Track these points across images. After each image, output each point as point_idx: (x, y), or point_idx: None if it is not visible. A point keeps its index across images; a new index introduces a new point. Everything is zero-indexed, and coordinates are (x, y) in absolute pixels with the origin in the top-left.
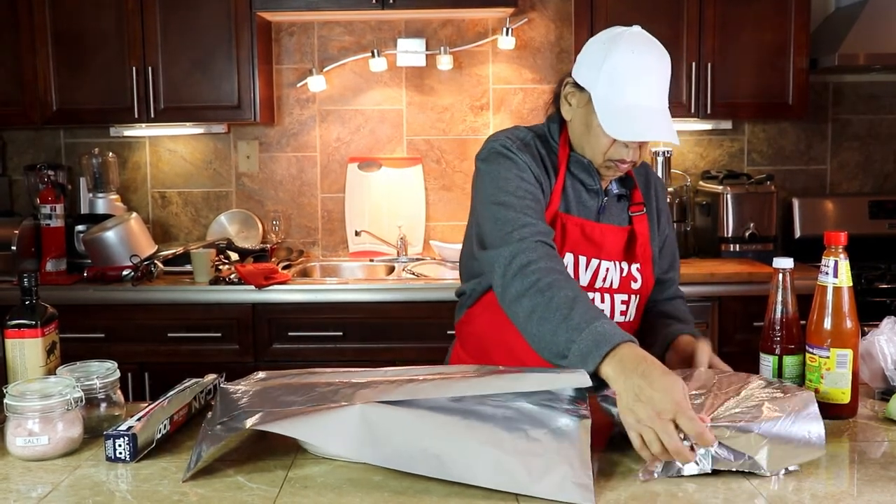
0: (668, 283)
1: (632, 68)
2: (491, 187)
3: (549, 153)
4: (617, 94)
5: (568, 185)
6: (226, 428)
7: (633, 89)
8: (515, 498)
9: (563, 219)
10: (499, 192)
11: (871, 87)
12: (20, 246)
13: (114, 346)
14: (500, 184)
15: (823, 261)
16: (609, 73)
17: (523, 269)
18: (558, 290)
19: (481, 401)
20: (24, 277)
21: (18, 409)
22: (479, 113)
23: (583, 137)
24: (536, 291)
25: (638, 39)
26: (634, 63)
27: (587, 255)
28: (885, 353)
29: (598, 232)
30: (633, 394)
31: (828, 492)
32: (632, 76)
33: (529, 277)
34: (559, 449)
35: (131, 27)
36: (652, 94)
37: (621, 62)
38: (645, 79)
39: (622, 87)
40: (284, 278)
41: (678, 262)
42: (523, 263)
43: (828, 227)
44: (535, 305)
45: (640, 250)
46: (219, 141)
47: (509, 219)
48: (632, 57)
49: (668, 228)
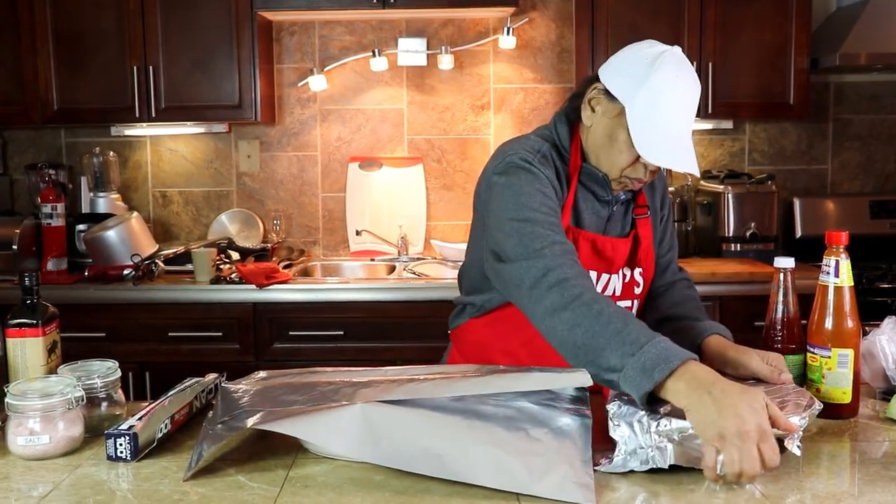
0: (668, 266)
1: (675, 93)
2: (512, 202)
3: (563, 164)
4: (656, 116)
5: (579, 196)
6: (227, 427)
7: (672, 115)
8: (517, 498)
9: (575, 233)
10: (522, 209)
11: (873, 87)
12: (21, 245)
13: (115, 345)
14: (522, 199)
15: (824, 260)
16: (652, 93)
17: (562, 282)
18: (606, 305)
19: (482, 400)
20: (25, 277)
21: (19, 408)
22: (480, 112)
23: (602, 149)
24: (581, 304)
25: (682, 64)
26: (678, 89)
27: (598, 271)
28: (886, 352)
29: (609, 246)
30: (714, 409)
31: (829, 491)
32: (674, 101)
33: (570, 291)
34: (560, 448)
35: (132, 26)
36: (685, 122)
37: (666, 85)
38: (683, 106)
39: (663, 111)
40: (285, 278)
41: (676, 241)
42: (561, 278)
43: (829, 226)
44: (579, 318)
45: (642, 254)
46: (220, 140)
47: (538, 234)
48: (676, 81)
49: (667, 213)
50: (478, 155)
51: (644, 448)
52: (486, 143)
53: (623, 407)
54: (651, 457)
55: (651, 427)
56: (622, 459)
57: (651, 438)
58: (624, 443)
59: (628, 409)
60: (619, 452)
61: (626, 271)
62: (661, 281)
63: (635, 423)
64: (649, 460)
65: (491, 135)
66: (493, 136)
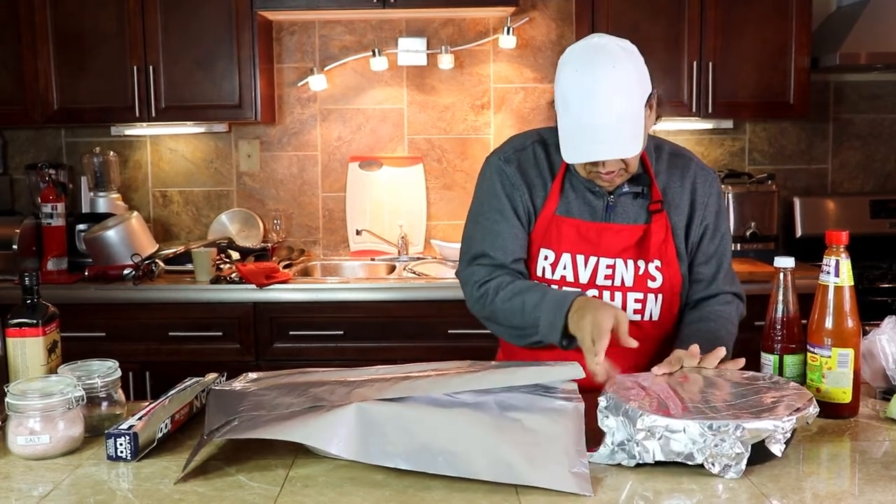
0: (705, 279)
1: (577, 88)
2: (473, 206)
3: (550, 156)
4: (566, 115)
5: (568, 186)
6: (224, 437)
7: (580, 108)
8: (516, 493)
9: (558, 221)
10: (475, 215)
11: (873, 87)
12: (21, 245)
13: (115, 345)
14: (475, 206)
15: (825, 260)
16: (561, 95)
17: (485, 292)
18: (507, 298)
19: (476, 394)
20: (25, 276)
21: (20, 407)
22: (480, 112)
23: None
24: (494, 302)
25: (584, 55)
26: (578, 82)
27: (585, 254)
28: (886, 352)
29: (594, 231)
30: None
31: (829, 491)
32: (577, 96)
33: (488, 296)
34: (555, 438)
35: (132, 26)
36: (599, 111)
37: (567, 83)
38: (590, 94)
39: (569, 108)
40: (285, 277)
41: (720, 258)
42: (473, 283)
43: (829, 226)
44: (496, 314)
45: (654, 248)
46: (220, 140)
47: (475, 242)
48: (576, 76)
49: (709, 221)
50: (478, 154)
51: (631, 441)
52: (487, 143)
53: (612, 400)
54: (638, 452)
55: (636, 421)
56: (609, 451)
57: (636, 431)
58: (612, 434)
59: (616, 401)
60: (606, 443)
61: (640, 263)
62: (697, 294)
63: (621, 416)
64: (636, 455)
65: (491, 134)
66: (494, 135)
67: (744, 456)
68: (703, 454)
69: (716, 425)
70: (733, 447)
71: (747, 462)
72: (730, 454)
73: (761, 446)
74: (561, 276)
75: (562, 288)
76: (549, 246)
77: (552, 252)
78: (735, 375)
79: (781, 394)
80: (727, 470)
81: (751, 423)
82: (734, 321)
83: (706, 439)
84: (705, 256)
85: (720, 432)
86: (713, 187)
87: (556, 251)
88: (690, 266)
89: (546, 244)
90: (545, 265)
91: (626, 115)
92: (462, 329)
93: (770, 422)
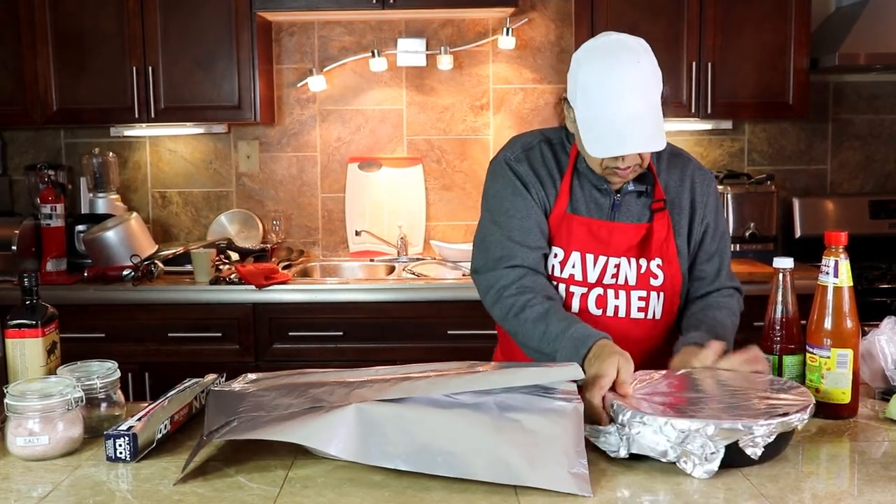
0: (706, 277)
1: (603, 80)
2: (486, 207)
3: (557, 155)
4: (592, 110)
5: (576, 185)
6: (223, 438)
7: (608, 102)
8: (515, 494)
9: (569, 219)
10: (492, 214)
11: (872, 87)
12: (20, 246)
13: (114, 345)
14: (490, 204)
15: (824, 261)
16: (583, 89)
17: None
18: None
19: (476, 395)
20: (24, 277)
21: (19, 408)
22: (480, 113)
23: (582, 151)
24: (515, 314)
25: (608, 48)
26: (605, 73)
27: (594, 253)
28: (885, 352)
29: (605, 230)
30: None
31: (828, 491)
32: (604, 89)
33: (508, 301)
34: (554, 438)
35: (132, 27)
36: (627, 103)
37: (592, 76)
38: (619, 88)
39: (596, 102)
40: (285, 278)
41: (721, 255)
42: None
43: (828, 226)
44: (516, 328)
45: (656, 246)
46: (219, 141)
47: (495, 244)
48: (602, 68)
49: (710, 220)
50: (477, 155)
51: (612, 433)
52: (486, 144)
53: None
54: (613, 441)
55: (617, 416)
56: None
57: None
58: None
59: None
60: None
61: (643, 262)
62: (701, 290)
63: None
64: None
65: (490, 135)
66: (493, 136)
67: (717, 456)
68: (675, 451)
69: (687, 424)
70: (705, 447)
71: (729, 464)
72: (700, 453)
73: (738, 449)
74: (569, 274)
75: (569, 287)
76: (560, 244)
77: (562, 250)
78: (749, 378)
79: (781, 399)
80: (697, 468)
81: (725, 423)
82: (736, 312)
83: (677, 436)
84: (707, 255)
85: (691, 431)
86: (710, 187)
87: (565, 249)
88: (693, 264)
89: (556, 242)
90: (555, 263)
91: (651, 108)
92: (461, 330)
93: (741, 423)
